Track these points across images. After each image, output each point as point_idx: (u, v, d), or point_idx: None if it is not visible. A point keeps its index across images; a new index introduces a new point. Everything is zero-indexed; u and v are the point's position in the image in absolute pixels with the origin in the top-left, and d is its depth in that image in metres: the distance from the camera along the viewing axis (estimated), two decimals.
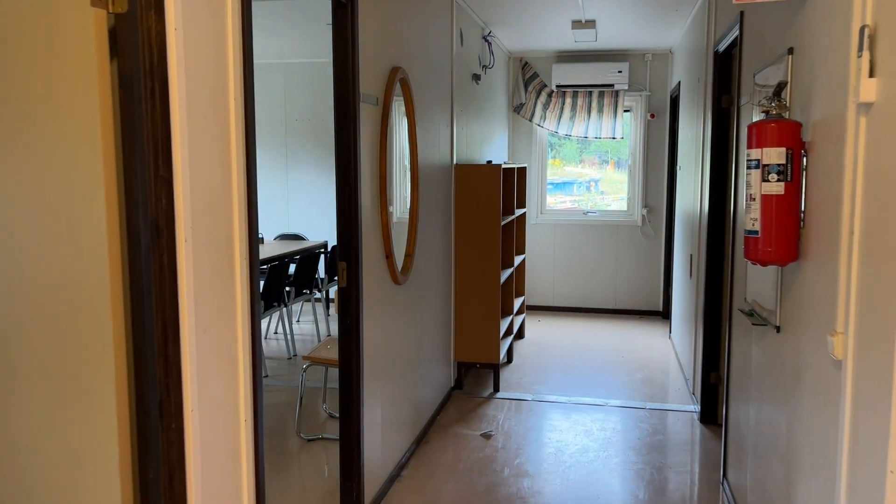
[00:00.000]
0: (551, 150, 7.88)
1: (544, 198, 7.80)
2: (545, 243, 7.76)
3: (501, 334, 5.08)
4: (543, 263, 7.79)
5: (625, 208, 7.67)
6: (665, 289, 7.45)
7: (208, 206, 1.89)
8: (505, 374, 5.46)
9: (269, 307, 5.59)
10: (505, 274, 5.30)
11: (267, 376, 5.34)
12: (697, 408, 4.66)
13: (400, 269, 3.62)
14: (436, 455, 3.98)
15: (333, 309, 7.82)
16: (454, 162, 4.95)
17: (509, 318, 5.59)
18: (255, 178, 2.16)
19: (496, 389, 5.06)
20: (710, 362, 4.43)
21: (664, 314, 7.49)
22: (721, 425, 4.42)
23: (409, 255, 3.76)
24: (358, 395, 3.10)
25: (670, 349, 6.27)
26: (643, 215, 7.53)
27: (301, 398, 4.23)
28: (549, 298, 7.81)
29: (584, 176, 7.92)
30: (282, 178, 8.08)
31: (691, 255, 5.16)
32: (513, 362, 5.80)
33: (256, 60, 7.90)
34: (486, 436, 4.26)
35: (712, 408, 4.48)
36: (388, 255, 3.41)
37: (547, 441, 4.19)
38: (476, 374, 5.54)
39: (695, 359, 4.88)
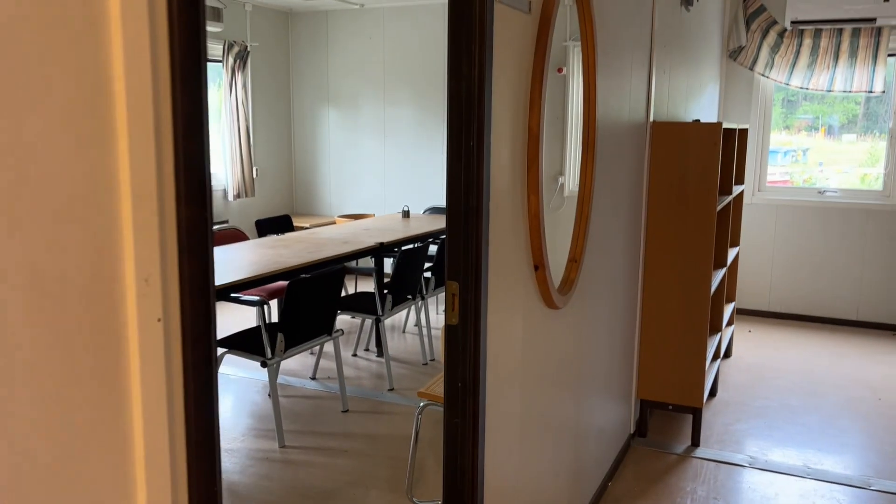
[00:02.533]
0: None
1: (764, 171, 6.01)
2: (762, 229, 5.99)
3: (707, 363, 3.59)
4: (758, 256, 6.03)
5: (878, 188, 5.70)
6: None
7: None
8: (707, 416, 3.96)
9: (401, 301, 4.49)
10: (716, 277, 3.77)
11: (392, 389, 4.25)
12: None
13: (558, 284, 2.28)
14: None
15: None
16: (650, 119, 3.48)
17: (716, 337, 4.07)
18: (205, 123, 0.93)
19: (695, 443, 3.59)
20: None
21: None
22: None
23: (573, 262, 2.41)
24: None
25: None
26: None
27: (414, 444, 3.04)
28: (762, 302, 6.06)
29: (789, 144, 6.02)
30: (437, 142, 6.93)
31: None
32: (717, 396, 4.26)
33: (404, 2, 6.73)
34: None
35: None
36: (539, 266, 2.08)
37: None
38: (663, 414, 4.08)
39: None
